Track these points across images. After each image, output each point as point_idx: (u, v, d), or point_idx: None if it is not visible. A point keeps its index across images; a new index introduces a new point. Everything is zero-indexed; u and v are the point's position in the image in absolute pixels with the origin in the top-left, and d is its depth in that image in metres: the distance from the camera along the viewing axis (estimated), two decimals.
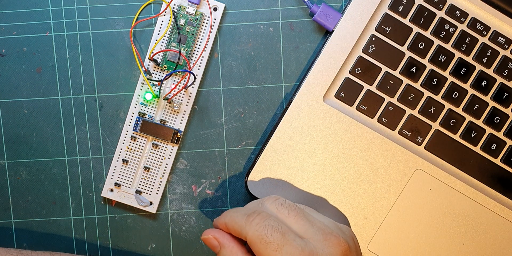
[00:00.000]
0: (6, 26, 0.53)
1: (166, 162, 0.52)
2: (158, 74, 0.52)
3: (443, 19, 0.51)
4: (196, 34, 0.52)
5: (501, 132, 0.52)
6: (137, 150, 0.52)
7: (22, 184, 0.53)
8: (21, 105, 0.53)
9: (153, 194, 0.53)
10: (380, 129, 0.52)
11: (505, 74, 0.52)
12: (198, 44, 0.52)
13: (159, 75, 0.52)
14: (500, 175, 0.52)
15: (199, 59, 0.52)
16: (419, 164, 0.52)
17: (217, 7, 0.52)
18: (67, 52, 0.53)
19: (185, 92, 0.52)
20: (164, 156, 0.52)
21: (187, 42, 0.52)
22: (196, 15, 0.52)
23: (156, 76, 0.52)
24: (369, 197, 0.51)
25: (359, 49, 0.51)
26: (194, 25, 0.52)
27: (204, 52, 0.52)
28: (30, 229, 0.53)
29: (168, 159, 0.52)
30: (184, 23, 0.52)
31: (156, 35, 0.52)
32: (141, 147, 0.52)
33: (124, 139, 0.52)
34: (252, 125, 0.53)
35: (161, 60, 0.52)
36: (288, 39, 0.53)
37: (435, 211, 0.52)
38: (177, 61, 0.51)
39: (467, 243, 0.52)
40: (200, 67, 0.52)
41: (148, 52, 0.52)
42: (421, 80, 0.52)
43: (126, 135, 0.52)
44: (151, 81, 0.51)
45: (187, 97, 0.52)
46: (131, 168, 0.52)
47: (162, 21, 0.52)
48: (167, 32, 0.52)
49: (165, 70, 0.52)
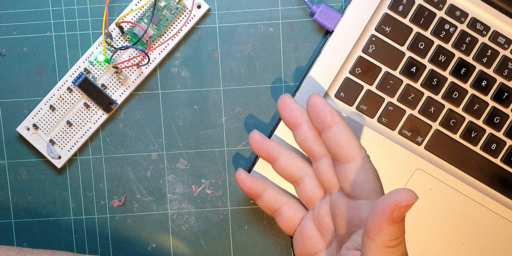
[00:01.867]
0: (6, 26, 0.53)
1: (89, 126, 0.52)
2: (118, 41, 0.52)
3: (443, 19, 0.51)
4: (171, 21, 0.51)
5: (501, 132, 0.52)
6: (67, 103, 0.52)
7: (22, 184, 0.53)
8: (21, 105, 0.53)
9: (65, 149, 0.52)
10: (380, 129, 0.52)
11: (505, 74, 0.52)
12: (169, 31, 0.52)
13: (119, 42, 0.52)
14: (500, 175, 0.52)
15: (163, 45, 0.52)
16: (419, 164, 0.52)
17: (201, 5, 0.52)
18: (67, 52, 0.53)
19: (137, 69, 0.52)
20: (91, 119, 0.52)
21: (159, 25, 0.51)
22: (178, 4, 0.51)
23: (116, 43, 0.52)
24: None
25: (359, 49, 0.51)
26: (173, 12, 0.51)
27: (170, 41, 0.52)
28: (30, 229, 0.53)
29: (94, 124, 0.52)
30: (164, 6, 0.51)
31: (133, 6, 0.52)
32: (73, 101, 0.52)
33: (60, 87, 0.52)
34: (252, 125, 0.53)
35: (127, 30, 0.51)
36: (288, 39, 0.53)
37: (435, 211, 0.52)
38: (140, 37, 0.51)
39: (467, 243, 0.52)
40: (161, 53, 0.52)
41: (118, 18, 0.51)
42: (421, 80, 0.52)
43: (64, 85, 0.52)
44: (109, 45, 0.51)
45: (138, 74, 0.52)
46: (55, 117, 0.52)
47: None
48: (144, 7, 0.51)
49: (127, 41, 0.52)
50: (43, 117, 0.52)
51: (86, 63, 0.52)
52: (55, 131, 0.52)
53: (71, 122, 0.52)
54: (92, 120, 0.52)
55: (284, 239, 0.54)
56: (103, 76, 0.52)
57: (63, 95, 0.52)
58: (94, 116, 0.52)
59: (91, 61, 0.52)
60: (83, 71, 0.52)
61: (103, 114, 0.52)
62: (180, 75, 0.53)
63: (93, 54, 0.52)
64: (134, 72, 0.52)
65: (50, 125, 0.52)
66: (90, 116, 0.52)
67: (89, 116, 0.52)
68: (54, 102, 0.52)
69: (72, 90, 0.52)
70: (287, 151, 0.47)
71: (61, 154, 0.52)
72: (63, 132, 0.52)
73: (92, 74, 0.52)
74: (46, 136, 0.52)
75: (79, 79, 0.51)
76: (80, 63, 0.52)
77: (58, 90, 0.52)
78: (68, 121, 0.52)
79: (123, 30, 0.51)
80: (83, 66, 0.52)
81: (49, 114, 0.52)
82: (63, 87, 0.52)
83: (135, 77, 0.52)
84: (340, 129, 0.44)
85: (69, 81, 0.52)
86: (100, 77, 0.52)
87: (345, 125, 0.45)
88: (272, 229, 0.54)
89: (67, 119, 0.52)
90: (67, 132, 0.52)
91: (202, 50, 0.53)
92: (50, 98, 0.52)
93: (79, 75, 0.52)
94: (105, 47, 0.51)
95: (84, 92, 0.51)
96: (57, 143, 0.52)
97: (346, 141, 0.44)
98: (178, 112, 0.53)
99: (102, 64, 0.52)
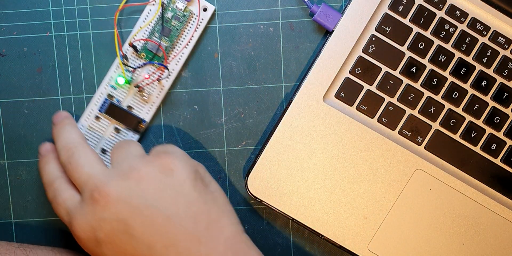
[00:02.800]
0: (7, 26, 0.53)
1: None
2: (135, 60, 0.52)
3: (443, 19, 0.51)
4: (181, 30, 0.52)
5: (501, 132, 0.52)
6: (98, 131, 0.52)
7: (22, 184, 0.53)
8: (21, 105, 0.53)
9: None
10: (380, 129, 0.52)
11: (505, 74, 0.52)
12: (181, 40, 0.52)
13: (135, 61, 0.52)
14: (500, 175, 0.52)
15: (179, 55, 0.52)
16: (419, 164, 0.52)
17: (207, 7, 0.52)
18: (67, 52, 0.53)
19: (158, 84, 0.52)
20: None
21: (170, 36, 0.51)
22: (185, 11, 0.51)
23: (132, 63, 0.52)
24: (369, 197, 0.51)
25: (359, 49, 0.51)
26: (181, 21, 0.51)
27: (185, 49, 0.52)
28: (30, 229, 0.53)
29: None
30: (171, 16, 0.51)
31: (141, 22, 0.52)
32: (102, 128, 0.52)
33: (88, 118, 0.52)
34: (252, 125, 0.53)
35: (140, 48, 0.52)
36: (288, 39, 0.53)
37: (435, 211, 0.52)
38: (155, 52, 0.51)
39: (467, 243, 0.52)
40: (178, 63, 0.52)
41: (129, 37, 0.52)
42: (421, 80, 0.52)
43: (90, 114, 0.52)
44: (126, 66, 0.51)
45: (159, 89, 0.52)
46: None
47: (150, 9, 0.52)
48: (152, 22, 0.51)
49: (142, 58, 0.52)
50: None
51: (108, 89, 0.52)
52: None
53: (105, 149, 0.52)
54: None
55: (284, 239, 0.54)
56: (127, 98, 0.52)
57: (92, 125, 0.52)
58: (126, 139, 0.52)
59: (113, 85, 0.52)
60: (107, 97, 0.52)
61: (134, 134, 0.52)
62: (180, 75, 0.53)
63: (112, 78, 0.52)
64: (156, 87, 0.52)
65: None
66: (122, 139, 0.52)
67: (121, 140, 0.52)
68: (85, 133, 0.52)
69: (100, 117, 0.52)
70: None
71: None
72: None
73: (116, 98, 0.52)
74: None
75: (105, 106, 0.51)
76: (101, 89, 0.52)
77: (86, 121, 0.52)
78: (102, 148, 0.52)
79: (137, 48, 0.51)
80: (105, 92, 0.52)
81: None
82: (91, 117, 0.52)
83: (158, 92, 0.52)
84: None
85: (95, 110, 0.52)
86: (125, 99, 0.52)
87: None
88: (272, 229, 0.54)
89: (100, 147, 0.52)
90: (104, 160, 0.52)
91: (202, 50, 0.53)
92: (80, 129, 0.52)
93: (103, 102, 0.52)
94: (123, 69, 0.51)
95: (112, 117, 0.52)
96: None
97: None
98: (178, 112, 0.53)
99: (124, 86, 0.52)
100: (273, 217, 0.53)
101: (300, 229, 0.54)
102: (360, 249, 0.51)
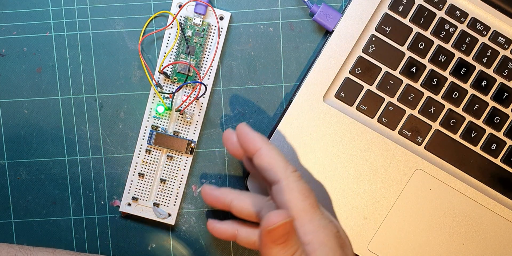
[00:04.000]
0: (6, 26, 0.53)
1: (181, 173, 0.52)
2: (168, 86, 0.52)
3: (443, 19, 0.51)
4: (204, 44, 0.52)
5: (501, 132, 0.52)
6: (152, 163, 0.52)
7: (22, 184, 0.53)
8: (21, 105, 0.53)
9: (170, 205, 0.53)
10: (380, 129, 0.52)
11: (505, 74, 0.52)
12: (207, 54, 0.52)
13: (169, 87, 0.52)
14: (500, 175, 0.52)
15: (209, 69, 0.52)
16: (419, 164, 0.52)
17: (223, 16, 0.52)
18: (67, 52, 0.53)
19: (197, 103, 0.52)
20: (180, 167, 0.52)
21: (196, 53, 0.52)
22: (203, 26, 0.52)
23: (166, 89, 0.52)
24: (369, 197, 0.51)
25: (359, 49, 0.51)
26: (202, 35, 0.52)
27: (213, 62, 0.52)
28: (30, 229, 0.53)
29: (184, 170, 0.52)
30: (191, 34, 0.52)
31: (165, 48, 0.52)
32: (156, 160, 0.52)
33: (139, 153, 0.52)
34: (252, 125, 0.53)
35: (171, 72, 0.52)
36: (288, 39, 0.53)
37: (435, 211, 0.52)
38: (187, 72, 0.51)
39: (467, 243, 0.52)
40: (210, 77, 0.52)
41: (157, 65, 0.52)
42: (421, 80, 0.52)
43: (141, 149, 0.52)
44: (162, 93, 0.51)
45: (199, 107, 0.52)
46: (148, 181, 0.52)
47: (170, 33, 0.52)
48: (175, 44, 0.52)
49: (175, 82, 0.52)
50: (138, 187, 0.52)
51: (150, 120, 0.52)
52: (154, 194, 0.52)
53: (164, 179, 0.52)
54: (181, 168, 0.52)
55: None
56: (171, 124, 0.52)
57: (145, 159, 0.52)
58: (181, 163, 0.52)
59: (155, 115, 0.52)
60: (152, 128, 0.52)
61: (187, 157, 0.52)
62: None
63: (152, 109, 0.52)
64: (195, 106, 0.52)
65: (147, 191, 0.52)
66: (177, 165, 0.52)
67: (177, 165, 0.52)
68: (141, 168, 0.52)
69: (150, 150, 0.52)
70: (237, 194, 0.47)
71: (169, 212, 0.52)
72: (160, 191, 0.52)
73: (161, 127, 0.52)
74: (148, 202, 0.52)
75: (152, 138, 0.52)
76: (145, 123, 0.52)
77: (138, 157, 0.52)
78: (161, 179, 0.52)
79: (167, 74, 0.51)
80: (149, 124, 0.52)
81: (141, 181, 0.52)
82: (142, 151, 0.52)
83: (199, 110, 0.52)
84: (262, 153, 0.45)
85: (144, 144, 0.52)
86: (169, 126, 0.52)
87: (269, 148, 0.45)
88: None
89: (159, 178, 0.52)
90: (164, 189, 0.52)
91: None
92: (135, 167, 0.52)
93: (150, 134, 0.52)
94: (161, 98, 0.51)
95: (162, 146, 0.52)
96: (161, 203, 0.52)
97: (269, 164, 0.44)
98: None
99: (165, 114, 0.52)
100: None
101: None
102: (360, 249, 0.51)
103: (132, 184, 0.52)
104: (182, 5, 0.51)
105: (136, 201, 0.52)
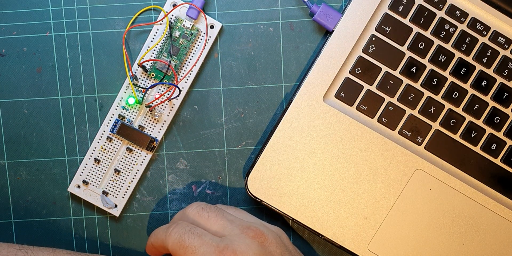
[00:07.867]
0: (6, 26, 0.53)
1: (137, 168, 0.52)
2: (145, 80, 0.52)
3: (443, 19, 0.51)
4: (190, 48, 0.52)
5: (501, 132, 0.52)
6: (110, 152, 0.52)
7: (22, 184, 0.53)
8: (21, 105, 0.53)
9: (119, 197, 0.52)
10: (380, 129, 0.52)
11: (505, 74, 0.52)
12: (189, 58, 0.52)
13: (145, 81, 0.52)
14: (500, 175, 0.52)
15: (188, 74, 0.52)
16: (419, 164, 0.52)
17: (214, 25, 0.52)
18: (67, 52, 0.53)
19: (169, 103, 0.52)
20: (137, 162, 0.52)
21: (179, 55, 0.51)
22: (192, 30, 0.51)
23: (142, 82, 0.52)
24: (369, 197, 0.51)
25: (359, 49, 0.51)
26: (189, 39, 0.51)
27: (194, 67, 0.52)
28: (30, 229, 0.53)
29: (140, 165, 0.52)
30: (179, 35, 0.51)
31: (149, 42, 0.52)
32: (115, 149, 0.52)
33: (100, 139, 0.52)
34: (252, 125, 0.53)
35: (149, 67, 0.52)
36: (288, 39, 0.53)
37: (435, 211, 0.52)
38: (165, 71, 0.51)
39: (467, 243, 0.52)
40: (187, 81, 0.52)
41: (138, 58, 0.52)
42: (421, 80, 0.52)
43: (102, 135, 0.52)
44: (137, 86, 0.51)
45: (170, 107, 0.52)
46: (102, 168, 0.52)
47: (158, 29, 0.52)
48: (160, 41, 0.51)
49: (152, 78, 0.52)
50: (91, 172, 0.52)
51: (118, 109, 0.52)
52: (105, 182, 0.52)
53: (118, 169, 0.52)
54: (138, 162, 0.52)
55: None
56: (138, 118, 0.52)
57: (104, 146, 0.52)
58: (139, 158, 0.52)
59: (123, 106, 0.52)
60: (118, 117, 0.52)
61: (147, 154, 0.52)
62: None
63: (123, 99, 0.52)
64: (166, 106, 0.52)
65: (99, 177, 0.52)
66: (135, 159, 0.52)
67: (134, 159, 0.52)
68: (98, 154, 0.52)
69: (112, 138, 0.52)
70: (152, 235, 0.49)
71: (116, 203, 0.52)
72: (113, 181, 0.52)
73: (127, 118, 0.52)
74: (98, 188, 0.52)
75: (116, 126, 0.52)
76: (112, 110, 0.52)
77: (98, 142, 0.52)
78: (116, 169, 0.52)
79: (146, 68, 0.51)
80: (116, 113, 0.52)
81: (96, 167, 0.52)
82: (103, 138, 0.52)
83: (169, 111, 0.52)
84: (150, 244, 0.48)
85: (106, 131, 0.52)
86: (136, 119, 0.52)
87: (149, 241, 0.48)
88: None
89: (114, 167, 0.52)
90: (117, 180, 0.52)
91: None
92: (92, 152, 0.52)
93: (115, 122, 0.52)
94: (134, 90, 0.51)
95: (124, 137, 0.52)
96: (110, 192, 0.52)
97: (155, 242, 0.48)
98: (178, 112, 0.53)
99: (134, 106, 0.52)
100: (273, 217, 0.54)
101: (300, 229, 0.54)
102: (360, 249, 0.51)
103: (86, 167, 0.52)
104: (176, 5, 0.51)
105: (86, 185, 0.52)
